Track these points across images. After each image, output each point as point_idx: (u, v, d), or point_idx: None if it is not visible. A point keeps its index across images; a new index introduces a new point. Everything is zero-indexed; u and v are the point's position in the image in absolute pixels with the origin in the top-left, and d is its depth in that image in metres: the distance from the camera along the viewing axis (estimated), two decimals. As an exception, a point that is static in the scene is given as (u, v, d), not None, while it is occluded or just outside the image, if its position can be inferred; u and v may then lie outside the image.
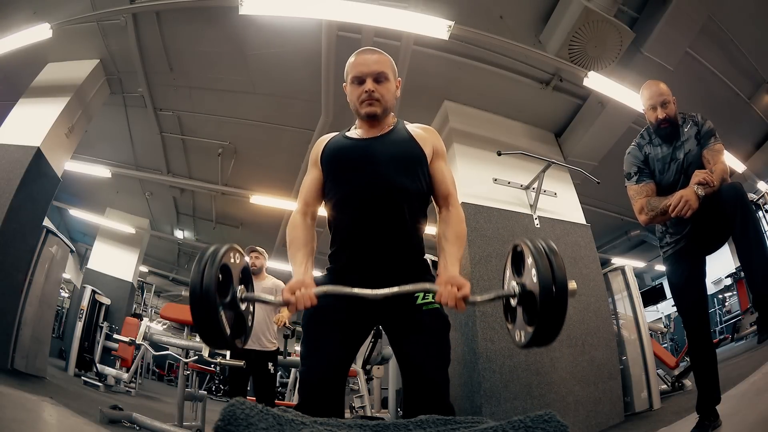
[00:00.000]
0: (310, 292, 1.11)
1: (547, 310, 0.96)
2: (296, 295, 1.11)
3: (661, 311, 9.29)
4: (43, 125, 3.79)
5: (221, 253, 1.03)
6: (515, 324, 1.10)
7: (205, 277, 0.99)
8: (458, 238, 1.30)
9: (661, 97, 1.99)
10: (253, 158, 5.35)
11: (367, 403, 3.28)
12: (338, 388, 1.20)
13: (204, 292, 0.98)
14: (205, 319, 0.99)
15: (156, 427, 2.78)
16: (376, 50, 1.41)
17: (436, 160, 1.39)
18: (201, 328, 1.01)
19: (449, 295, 1.09)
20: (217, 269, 1.00)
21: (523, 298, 1.05)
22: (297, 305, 1.10)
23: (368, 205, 1.26)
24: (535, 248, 1.01)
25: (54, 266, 4.11)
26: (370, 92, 1.34)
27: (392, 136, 1.38)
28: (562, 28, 3.28)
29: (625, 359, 3.40)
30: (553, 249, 1.01)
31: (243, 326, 1.12)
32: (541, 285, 0.97)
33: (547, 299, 0.96)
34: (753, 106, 4.46)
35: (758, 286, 1.73)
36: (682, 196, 1.75)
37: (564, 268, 0.98)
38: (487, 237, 3.17)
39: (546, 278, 0.96)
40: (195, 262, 1.02)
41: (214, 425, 0.70)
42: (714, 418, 1.84)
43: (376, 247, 1.26)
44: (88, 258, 7.68)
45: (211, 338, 1.04)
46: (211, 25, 3.63)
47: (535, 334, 1.00)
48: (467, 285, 1.11)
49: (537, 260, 0.99)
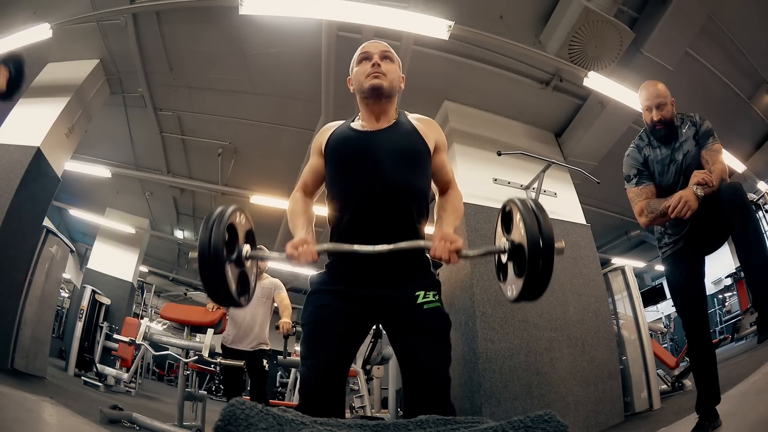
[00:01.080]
0: (312, 248, 1.16)
1: (535, 259, 1.01)
2: (299, 251, 1.15)
3: (661, 311, 9.29)
4: (43, 125, 3.79)
5: (228, 212, 1.07)
6: (507, 280, 1.15)
7: (213, 235, 1.02)
8: (455, 210, 1.36)
9: (658, 99, 1.98)
10: (253, 158, 5.35)
11: (367, 403, 3.28)
12: (338, 387, 1.20)
13: (212, 249, 1.01)
14: (212, 274, 1.03)
15: (156, 427, 2.77)
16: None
17: (437, 154, 1.40)
18: (208, 283, 1.05)
19: (443, 249, 1.13)
20: (225, 228, 1.04)
21: (512, 252, 1.10)
22: (299, 259, 1.14)
23: (371, 202, 1.25)
24: (522, 206, 1.06)
25: (54, 266, 4.11)
26: (377, 65, 1.35)
27: (397, 129, 1.36)
28: (562, 28, 3.28)
29: (625, 359, 3.40)
30: (540, 206, 1.06)
31: (247, 285, 1.17)
32: (529, 236, 1.01)
33: (535, 248, 1.00)
34: (753, 106, 4.45)
35: (758, 286, 1.73)
36: (681, 197, 1.75)
37: (550, 223, 1.03)
38: (487, 237, 3.17)
39: (533, 230, 1.01)
40: (203, 221, 1.06)
41: (214, 425, 0.70)
42: (714, 418, 1.83)
43: (377, 240, 1.25)
44: (88, 258, 7.68)
45: (217, 293, 1.08)
46: (211, 25, 3.63)
47: (524, 286, 1.04)
48: (460, 240, 1.15)
49: (524, 216, 1.04)
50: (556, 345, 3.00)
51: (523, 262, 1.04)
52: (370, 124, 1.38)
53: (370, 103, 1.37)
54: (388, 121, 1.38)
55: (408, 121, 1.40)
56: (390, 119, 1.38)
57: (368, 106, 1.38)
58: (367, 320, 1.31)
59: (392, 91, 1.38)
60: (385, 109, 1.38)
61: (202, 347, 2.93)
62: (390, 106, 1.39)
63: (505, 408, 2.68)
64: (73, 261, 8.94)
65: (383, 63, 1.36)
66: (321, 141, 1.41)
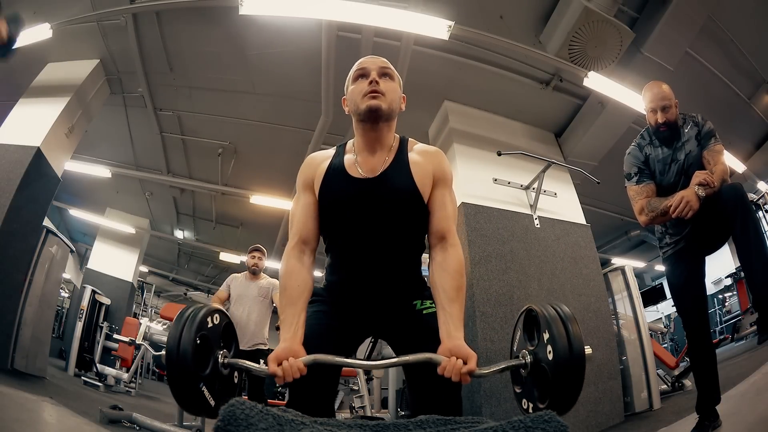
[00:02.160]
0: (298, 363, 1.01)
1: (562, 390, 0.92)
2: (284, 366, 1.01)
3: (661, 311, 9.29)
4: (43, 125, 3.79)
5: (198, 319, 0.99)
6: (523, 391, 1.04)
7: (181, 352, 0.95)
8: (459, 292, 1.14)
9: (663, 102, 1.97)
10: (253, 158, 5.35)
11: (367, 403, 3.28)
12: (329, 390, 1.19)
13: (181, 373, 0.94)
14: (186, 398, 0.97)
15: (156, 427, 2.78)
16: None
17: (436, 189, 1.22)
18: (184, 406, 0.99)
19: (454, 370, 0.98)
20: (192, 343, 0.96)
21: (534, 370, 0.98)
22: (285, 377, 1.00)
23: (369, 255, 1.22)
24: (551, 318, 0.95)
25: (54, 266, 4.11)
26: (374, 82, 1.20)
27: (394, 175, 1.22)
28: (562, 28, 3.28)
29: (625, 359, 3.40)
30: (570, 316, 0.96)
31: (231, 390, 1.08)
32: (558, 364, 0.91)
33: (564, 380, 0.90)
34: (753, 106, 4.45)
35: (758, 286, 1.73)
36: (683, 197, 1.75)
37: (582, 342, 0.92)
38: (487, 237, 3.17)
39: (564, 356, 0.90)
40: (168, 335, 0.98)
41: (214, 425, 0.70)
42: (714, 418, 1.84)
43: (375, 283, 1.24)
44: (88, 258, 7.68)
45: (196, 413, 1.02)
46: (211, 25, 3.63)
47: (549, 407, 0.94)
48: (473, 357, 1.00)
49: (554, 333, 0.93)
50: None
51: (546, 381, 0.94)
52: (364, 160, 1.23)
53: (367, 128, 1.22)
54: (386, 153, 1.24)
55: (406, 161, 1.24)
56: (387, 151, 1.25)
57: (364, 132, 1.23)
58: (362, 333, 1.30)
59: (391, 113, 1.23)
60: (382, 136, 1.24)
61: (202, 347, 2.92)
62: (388, 132, 1.26)
63: (505, 408, 2.68)
64: (73, 261, 8.94)
65: (382, 81, 1.22)
66: (310, 177, 1.26)
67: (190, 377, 0.94)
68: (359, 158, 1.24)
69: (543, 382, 0.96)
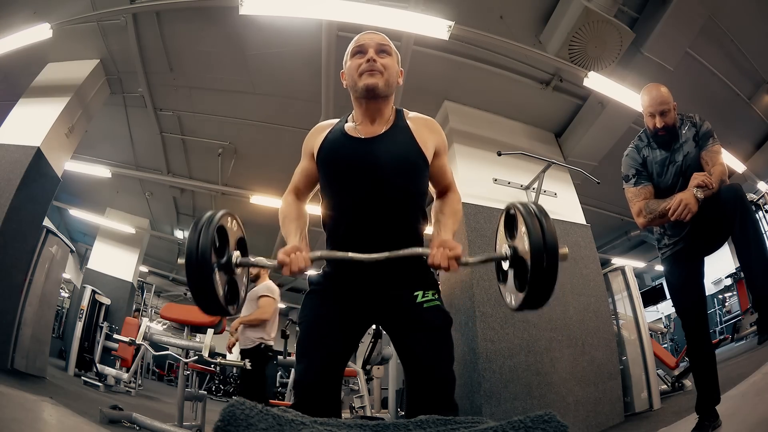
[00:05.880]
0: (305, 255, 1.12)
1: (537, 277, 0.97)
2: (291, 257, 1.11)
3: (661, 311, 9.29)
4: (43, 125, 3.79)
5: (218, 216, 1.04)
6: (506, 286, 1.11)
7: (201, 238, 0.98)
8: (454, 214, 1.31)
9: (661, 106, 1.95)
10: (253, 158, 5.35)
11: (367, 403, 3.28)
12: (334, 387, 1.18)
13: (200, 252, 0.97)
14: (199, 279, 0.99)
15: (156, 427, 2.77)
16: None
17: (437, 158, 1.32)
18: (195, 289, 1.01)
19: (442, 256, 1.09)
20: (214, 231, 1.01)
21: (514, 261, 1.06)
22: (291, 266, 1.10)
23: (368, 213, 1.22)
24: (525, 211, 1.01)
25: (54, 266, 4.11)
26: (371, 60, 1.24)
27: (393, 135, 1.27)
28: (562, 28, 3.28)
29: (625, 359, 3.40)
30: (544, 211, 1.01)
31: (236, 293, 1.12)
32: (533, 252, 0.97)
33: (539, 266, 0.96)
34: (753, 106, 4.46)
35: (758, 287, 1.73)
36: (681, 200, 1.74)
37: (555, 234, 0.98)
38: (487, 237, 3.17)
39: (537, 245, 0.96)
40: (192, 225, 1.02)
41: (214, 425, 0.70)
42: (714, 419, 1.84)
43: (375, 250, 1.22)
44: (88, 258, 7.68)
45: (205, 300, 1.03)
46: (211, 25, 3.63)
47: (525, 300, 1.01)
48: (459, 247, 1.11)
49: (529, 225, 0.99)
50: (556, 345, 3.00)
51: (524, 276, 1.01)
52: (364, 128, 1.29)
53: (364, 103, 1.28)
54: (384, 123, 1.29)
55: (405, 125, 1.30)
56: (386, 121, 1.30)
57: (362, 106, 1.29)
58: (364, 321, 1.29)
59: (389, 89, 1.28)
60: (380, 109, 1.29)
61: (202, 347, 2.93)
62: (386, 106, 1.30)
63: (505, 408, 2.68)
64: (73, 261, 8.95)
65: (379, 57, 1.26)
66: (312, 144, 1.35)
67: (207, 262, 0.98)
68: (359, 126, 1.31)
69: (522, 273, 1.03)
